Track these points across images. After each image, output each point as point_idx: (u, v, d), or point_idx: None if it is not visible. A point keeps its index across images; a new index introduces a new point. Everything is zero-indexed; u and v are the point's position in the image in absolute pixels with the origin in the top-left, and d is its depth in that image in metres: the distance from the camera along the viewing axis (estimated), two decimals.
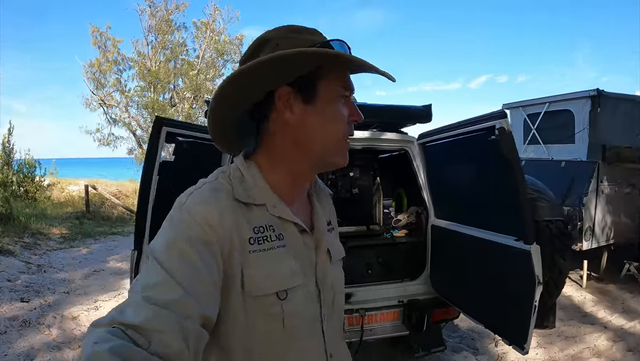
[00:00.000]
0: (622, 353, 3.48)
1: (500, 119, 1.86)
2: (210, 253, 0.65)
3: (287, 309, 0.72)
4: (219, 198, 0.70)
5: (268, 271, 0.71)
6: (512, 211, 1.87)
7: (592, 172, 4.91)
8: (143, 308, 0.55)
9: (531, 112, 6.08)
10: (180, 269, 0.61)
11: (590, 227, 4.90)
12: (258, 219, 0.73)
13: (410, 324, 2.65)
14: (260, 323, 0.70)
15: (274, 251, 0.72)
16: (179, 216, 0.67)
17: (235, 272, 0.68)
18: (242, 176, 0.75)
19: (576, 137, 5.37)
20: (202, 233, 0.65)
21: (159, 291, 0.58)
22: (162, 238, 0.66)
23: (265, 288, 0.70)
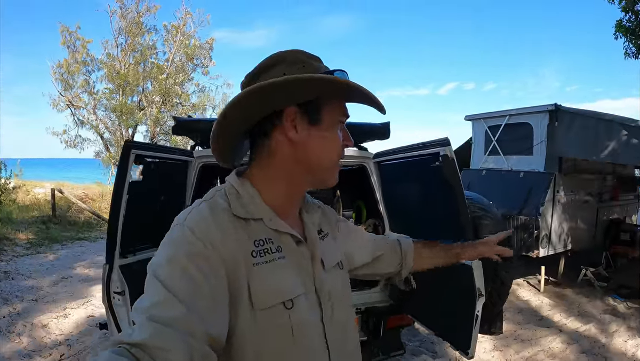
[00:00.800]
0: (576, 356, 3.66)
1: (444, 147, 1.99)
2: (213, 269, 0.65)
3: (294, 318, 0.73)
4: (218, 215, 0.72)
5: (273, 282, 0.73)
6: (456, 228, 2.00)
7: (548, 183, 5.15)
8: (146, 326, 0.56)
9: (492, 124, 6.32)
10: (182, 287, 0.61)
11: (547, 235, 5.14)
12: (258, 233, 0.75)
13: (368, 330, 2.76)
14: (269, 335, 0.71)
15: (275, 263, 0.74)
16: (179, 233, 0.68)
17: (241, 287, 0.69)
18: (238, 193, 0.77)
19: (534, 150, 5.62)
20: (204, 249, 0.66)
21: (162, 309, 0.58)
22: (162, 255, 0.66)
23: (273, 299, 0.72)
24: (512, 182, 5.69)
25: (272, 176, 0.79)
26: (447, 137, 1.99)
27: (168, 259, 0.65)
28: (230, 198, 0.76)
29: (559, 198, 5.24)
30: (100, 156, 12.86)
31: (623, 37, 6.74)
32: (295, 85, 0.71)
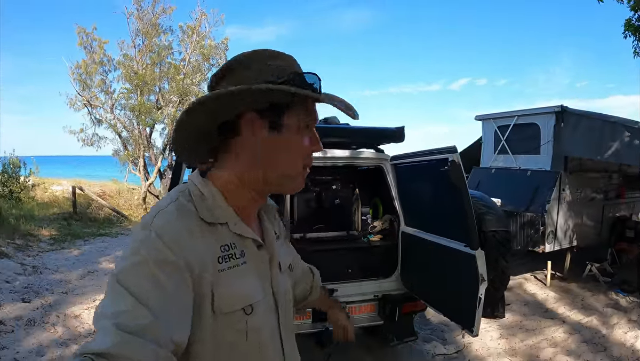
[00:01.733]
0: (577, 345, 3.89)
1: (452, 153, 2.27)
2: (180, 275, 0.65)
3: (251, 323, 0.75)
4: (186, 219, 0.71)
5: (236, 287, 0.73)
6: (462, 224, 2.28)
7: (554, 181, 5.36)
8: (113, 335, 0.55)
9: (501, 124, 6.52)
10: (150, 295, 0.60)
11: (553, 231, 5.35)
12: (223, 238, 0.75)
13: (384, 315, 3.05)
14: (226, 340, 0.73)
15: (239, 268, 0.75)
16: (146, 238, 0.66)
17: (206, 293, 0.69)
18: (202, 195, 0.76)
19: (542, 149, 5.81)
20: (171, 255, 0.65)
21: (128, 318, 0.57)
22: (128, 260, 0.64)
23: (234, 305, 0.73)
24: (519, 180, 5.89)
25: (234, 180, 0.78)
26: (455, 146, 2.26)
27: (135, 265, 0.63)
28: (196, 200, 0.75)
29: (565, 196, 5.44)
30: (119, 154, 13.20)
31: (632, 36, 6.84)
32: (248, 94, 0.69)
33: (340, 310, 1.33)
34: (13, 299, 4.52)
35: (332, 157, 3.15)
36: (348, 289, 3.09)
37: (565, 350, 3.79)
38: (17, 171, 10.94)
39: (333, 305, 1.34)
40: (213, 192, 0.77)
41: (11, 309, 4.25)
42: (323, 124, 3.75)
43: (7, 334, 3.71)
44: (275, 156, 0.77)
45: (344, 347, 3.62)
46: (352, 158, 3.21)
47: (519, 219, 5.28)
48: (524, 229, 5.25)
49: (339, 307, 1.34)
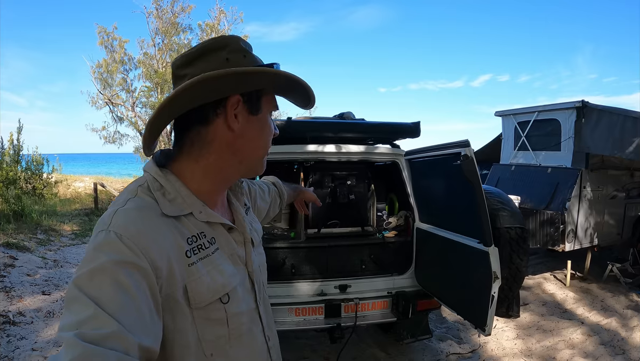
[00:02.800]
0: (595, 346, 3.79)
1: (464, 148, 2.22)
2: (144, 277, 0.61)
3: (230, 310, 0.74)
4: (146, 215, 0.68)
5: (209, 279, 0.72)
6: (475, 220, 2.23)
7: (575, 179, 5.23)
8: (76, 346, 0.51)
9: (522, 120, 6.39)
10: (112, 299, 0.56)
11: (573, 230, 5.23)
12: (189, 229, 0.73)
13: (398, 312, 3.02)
14: (208, 332, 0.72)
15: (210, 258, 0.73)
16: (105, 240, 0.62)
17: (177, 290, 0.67)
18: (162, 187, 0.73)
19: (562, 145, 5.68)
20: (133, 256, 0.61)
21: (91, 327, 0.53)
22: (88, 265, 0.60)
23: (210, 297, 0.71)
24: (540, 177, 5.77)
25: (205, 167, 0.76)
26: (467, 139, 2.22)
27: (95, 269, 0.59)
28: (156, 193, 0.72)
29: (586, 194, 5.31)
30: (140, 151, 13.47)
31: None
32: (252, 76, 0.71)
33: (305, 190, 1.56)
34: (33, 291, 4.64)
35: (347, 152, 3.14)
36: (361, 285, 3.09)
37: (582, 351, 3.70)
38: (40, 168, 11.22)
39: (298, 192, 1.52)
40: (173, 182, 0.74)
41: (31, 301, 4.36)
42: (339, 120, 3.74)
43: (27, 325, 3.81)
44: (251, 139, 0.78)
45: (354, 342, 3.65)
46: (367, 153, 3.18)
47: (538, 217, 5.17)
48: (543, 228, 5.15)
49: (302, 188, 1.56)
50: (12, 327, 3.72)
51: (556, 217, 5.05)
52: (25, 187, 10.62)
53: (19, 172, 10.56)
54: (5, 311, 3.96)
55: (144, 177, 0.76)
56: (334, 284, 3.05)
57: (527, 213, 5.27)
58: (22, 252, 6.01)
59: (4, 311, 3.95)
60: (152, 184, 0.73)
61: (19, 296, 4.38)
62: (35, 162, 11.17)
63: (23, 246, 6.27)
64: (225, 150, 0.76)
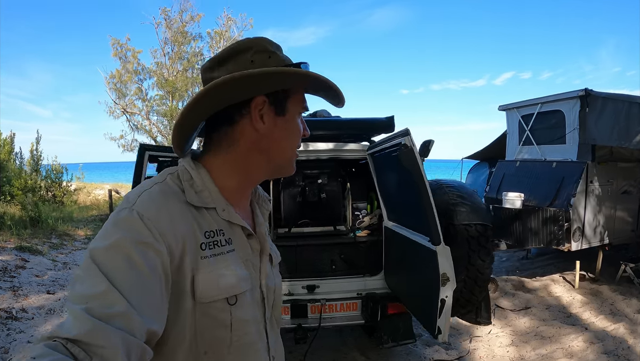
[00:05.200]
0: (596, 356, 3.43)
1: (403, 137, 2.06)
2: (159, 260, 0.61)
3: (236, 314, 0.72)
4: (170, 201, 0.68)
5: (219, 276, 0.70)
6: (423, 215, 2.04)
7: (580, 173, 4.89)
8: (84, 320, 0.51)
9: (525, 114, 6.08)
10: (125, 278, 0.56)
11: (580, 228, 4.89)
12: (209, 224, 0.72)
13: (367, 314, 2.88)
14: (208, 330, 0.69)
15: (224, 256, 0.72)
16: (127, 217, 0.63)
17: (186, 279, 0.66)
18: (192, 179, 0.74)
19: (567, 138, 5.35)
20: (151, 238, 0.61)
21: (102, 303, 0.53)
22: (106, 239, 0.60)
23: (216, 294, 0.69)
24: (544, 173, 5.46)
25: (231, 165, 0.77)
26: (408, 128, 2.05)
27: (112, 245, 0.59)
28: (184, 183, 0.73)
29: (593, 189, 4.96)
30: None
31: None
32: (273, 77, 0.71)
33: None
34: (39, 291, 4.76)
35: (314, 150, 3.03)
36: (330, 286, 2.97)
37: None
38: (59, 177, 11.62)
39: None
40: (204, 176, 0.75)
41: (35, 299, 4.48)
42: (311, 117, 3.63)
43: (27, 320, 3.94)
44: (278, 140, 0.77)
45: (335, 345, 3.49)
46: (336, 151, 3.08)
47: (540, 215, 4.86)
48: (546, 226, 4.83)
49: None
50: (13, 322, 3.84)
51: (559, 214, 4.73)
52: (45, 195, 11.01)
53: (39, 180, 10.98)
54: (10, 307, 4.11)
55: (175, 167, 0.76)
56: (302, 285, 2.95)
57: (528, 211, 4.97)
58: (34, 255, 6.19)
59: (8, 307, 4.10)
60: (182, 174, 0.74)
61: (25, 295, 4.53)
62: (55, 171, 11.59)
63: (36, 249, 6.47)
64: (252, 149, 0.76)
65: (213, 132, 0.77)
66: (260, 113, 0.74)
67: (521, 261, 6.50)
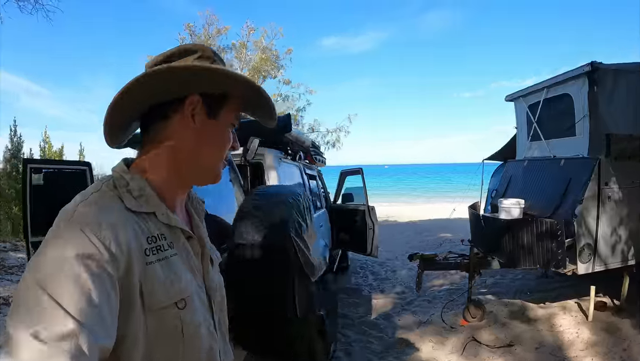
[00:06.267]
0: None
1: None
2: (105, 272, 0.58)
3: (186, 318, 0.70)
4: (109, 209, 0.65)
5: (166, 281, 0.68)
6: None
7: (589, 173, 3.75)
8: (29, 346, 0.48)
9: (532, 102, 4.96)
10: (71, 296, 0.53)
11: (590, 244, 3.75)
12: (150, 229, 0.70)
13: None
14: (160, 337, 0.67)
15: (168, 260, 0.70)
16: (66, 231, 0.59)
17: (134, 289, 0.63)
18: (128, 185, 0.71)
19: (577, 128, 4.20)
20: (94, 250, 0.58)
21: (47, 325, 0.50)
22: (47, 256, 0.57)
23: (165, 300, 0.67)
24: (552, 173, 4.36)
25: (164, 166, 0.75)
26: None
27: (54, 262, 0.56)
28: (121, 189, 0.70)
29: (609, 193, 3.79)
30: None
31: None
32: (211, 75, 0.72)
33: None
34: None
35: None
36: None
37: None
38: None
39: None
40: (138, 180, 0.73)
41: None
42: None
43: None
44: (207, 144, 0.77)
45: None
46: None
47: (533, 228, 3.80)
48: (541, 242, 3.77)
49: None
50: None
51: (557, 227, 3.65)
52: None
53: None
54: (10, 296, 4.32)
55: (110, 175, 0.74)
56: None
57: (519, 223, 3.94)
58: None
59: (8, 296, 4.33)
60: (118, 181, 0.72)
61: None
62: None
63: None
64: (182, 150, 0.75)
65: (147, 130, 0.77)
66: (193, 112, 0.74)
67: (538, 280, 5.30)
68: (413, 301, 5.08)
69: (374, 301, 5.16)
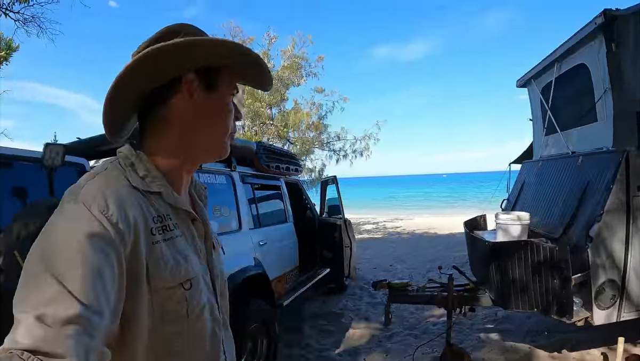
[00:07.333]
0: None
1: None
2: (112, 251, 0.55)
3: (192, 300, 0.67)
4: (116, 187, 0.62)
5: (172, 261, 0.65)
6: None
7: (613, 174, 2.52)
8: (35, 328, 0.46)
9: (545, 84, 3.72)
10: (77, 276, 0.50)
11: (614, 281, 2.48)
12: (156, 208, 0.67)
13: None
14: (165, 318, 0.64)
15: (174, 241, 0.68)
16: (73, 210, 0.57)
17: (140, 267, 0.60)
18: (133, 164, 0.68)
19: (598, 110, 2.93)
20: (101, 228, 0.55)
21: (53, 308, 0.47)
22: (52, 236, 0.53)
23: (171, 280, 0.64)
24: (567, 176, 3.14)
25: (168, 146, 0.71)
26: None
27: (61, 243, 0.52)
28: (126, 169, 0.67)
29: None
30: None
31: None
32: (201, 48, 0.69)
33: None
34: None
35: None
36: None
37: None
38: None
39: None
40: (145, 162, 0.70)
41: None
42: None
43: None
44: (211, 117, 0.74)
45: None
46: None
47: (528, 256, 2.62)
48: (538, 277, 2.57)
49: None
50: None
51: (560, 256, 2.45)
52: None
53: None
54: None
55: (115, 157, 0.71)
56: None
57: (507, 248, 2.77)
58: None
59: None
60: (124, 160, 0.69)
61: None
62: None
63: None
64: (186, 128, 0.72)
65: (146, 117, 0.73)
66: (191, 90, 0.71)
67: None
68: (396, 335, 3.98)
69: (350, 331, 4.16)
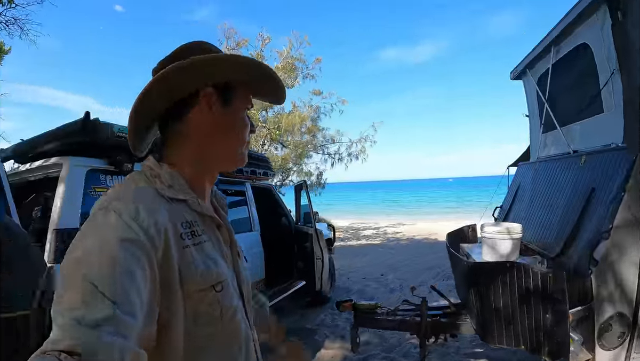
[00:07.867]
0: None
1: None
2: (145, 256, 0.56)
3: (224, 301, 0.68)
4: (146, 196, 0.65)
5: (203, 265, 0.66)
6: None
7: (624, 177, 1.98)
8: (72, 330, 0.46)
9: (541, 73, 3.19)
10: (111, 280, 0.51)
11: (624, 315, 1.93)
12: (184, 215, 0.69)
13: None
14: (199, 321, 0.65)
15: (203, 245, 0.69)
16: (104, 218, 0.58)
17: (173, 272, 0.61)
18: (159, 175, 0.71)
19: (604, 98, 2.39)
20: (132, 234, 0.56)
21: (88, 310, 0.48)
22: (86, 243, 0.55)
23: (203, 282, 0.65)
24: (568, 181, 2.59)
25: (188, 158, 0.74)
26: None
27: (94, 248, 0.53)
28: (152, 179, 0.70)
29: None
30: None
31: None
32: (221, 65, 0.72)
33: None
34: None
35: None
36: None
37: None
38: None
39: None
40: (169, 171, 0.72)
41: None
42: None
43: None
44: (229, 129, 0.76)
45: None
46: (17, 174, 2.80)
47: (515, 282, 2.07)
48: (527, 309, 2.03)
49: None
50: None
51: (554, 284, 1.90)
52: None
53: None
54: None
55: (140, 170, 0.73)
56: None
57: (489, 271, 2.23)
58: None
59: None
60: (149, 171, 0.71)
61: None
62: None
63: None
64: (204, 141, 0.75)
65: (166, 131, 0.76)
66: (210, 104, 0.74)
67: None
68: (371, 357, 3.45)
69: (321, 352, 3.68)
